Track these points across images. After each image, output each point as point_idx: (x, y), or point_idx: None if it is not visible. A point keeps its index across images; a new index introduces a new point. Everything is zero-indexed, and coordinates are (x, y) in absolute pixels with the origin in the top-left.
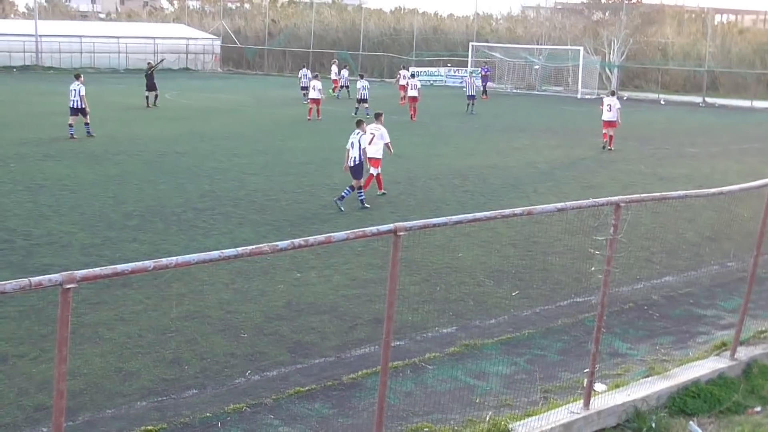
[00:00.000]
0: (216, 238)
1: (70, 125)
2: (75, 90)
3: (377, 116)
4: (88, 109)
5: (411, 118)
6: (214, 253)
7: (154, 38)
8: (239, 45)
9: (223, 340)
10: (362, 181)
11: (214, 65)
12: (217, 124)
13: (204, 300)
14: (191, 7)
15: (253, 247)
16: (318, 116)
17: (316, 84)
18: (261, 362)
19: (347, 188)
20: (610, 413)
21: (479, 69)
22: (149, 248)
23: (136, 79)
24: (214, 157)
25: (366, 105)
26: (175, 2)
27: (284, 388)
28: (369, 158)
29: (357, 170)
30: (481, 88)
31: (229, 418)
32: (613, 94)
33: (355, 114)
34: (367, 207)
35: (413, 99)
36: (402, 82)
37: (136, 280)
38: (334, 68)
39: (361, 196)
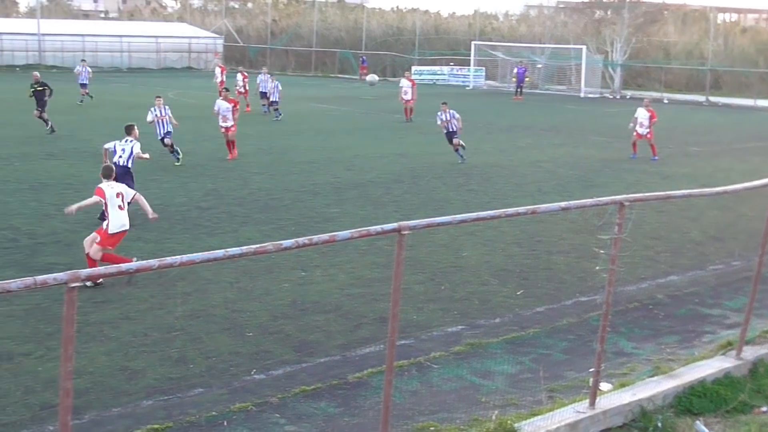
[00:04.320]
0: (220, 237)
1: (264, 105)
2: (264, 79)
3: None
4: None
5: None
6: (219, 252)
7: (156, 37)
8: (242, 44)
9: (228, 338)
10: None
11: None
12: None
13: (209, 299)
14: (194, 6)
15: (258, 245)
16: (408, 117)
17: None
18: (266, 361)
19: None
20: (616, 412)
21: (515, 69)
22: (153, 247)
23: (139, 78)
24: (217, 156)
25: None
26: (178, 1)
27: (290, 387)
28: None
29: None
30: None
31: (234, 417)
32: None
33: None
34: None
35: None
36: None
37: (140, 278)
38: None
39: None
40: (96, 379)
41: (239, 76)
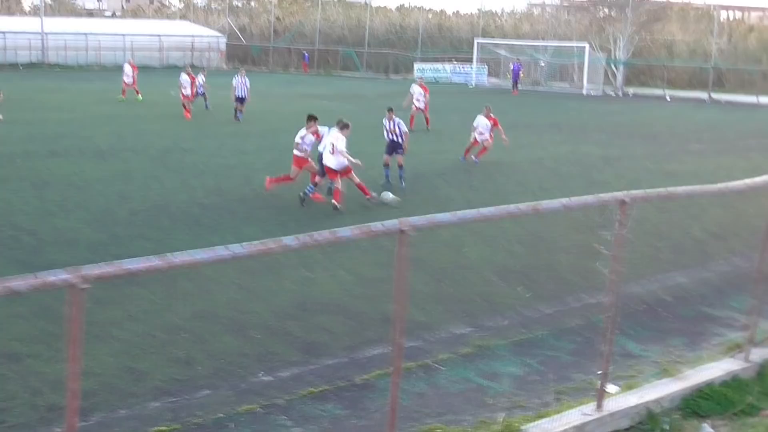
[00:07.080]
0: (222, 235)
1: (241, 111)
2: (242, 82)
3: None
4: (249, 100)
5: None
6: (225, 252)
7: (159, 35)
8: (245, 42)
9: (234, 339)
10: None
11: (220, 62)
12: (223, 121)
13: (213, 299)
14: (197, 4)
15: (261, 243)
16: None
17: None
18: (273, 362)
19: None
20: (623, 415)
21: (511, 65)
22: (156, 245)
23: (143, 77)
24: (219, 154)
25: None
26: None
27: (296, 389)
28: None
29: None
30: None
31: (242, 419)
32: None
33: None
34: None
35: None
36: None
37: (144, 277)
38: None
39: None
40: (103, 381)
41: (184, 76)
